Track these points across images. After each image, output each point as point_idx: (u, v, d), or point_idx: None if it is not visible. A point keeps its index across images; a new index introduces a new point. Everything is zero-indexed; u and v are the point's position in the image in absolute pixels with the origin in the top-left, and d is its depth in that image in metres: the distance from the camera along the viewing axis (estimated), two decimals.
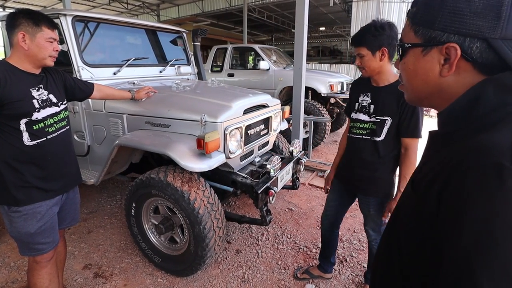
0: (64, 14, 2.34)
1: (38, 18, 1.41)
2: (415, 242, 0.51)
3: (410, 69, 0.59)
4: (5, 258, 2.38)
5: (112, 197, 3.42)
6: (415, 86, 0.60)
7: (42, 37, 1.41)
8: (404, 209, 0.59)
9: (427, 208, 0.47)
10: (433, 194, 0.46)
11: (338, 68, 12.05)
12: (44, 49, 1.43)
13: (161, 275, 2.17)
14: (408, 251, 0.53)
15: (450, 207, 0.43)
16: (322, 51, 24.49)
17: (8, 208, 1.46)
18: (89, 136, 2.52)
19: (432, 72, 0.55)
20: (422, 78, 0.57)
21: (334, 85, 5.13)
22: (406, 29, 0.59)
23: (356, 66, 1.57)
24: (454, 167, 0.44)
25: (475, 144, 0.45)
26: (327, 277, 2.13)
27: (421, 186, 0.52)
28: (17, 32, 1.37)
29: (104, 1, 13.24)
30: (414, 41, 0.56)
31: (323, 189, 2.07)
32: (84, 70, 2.38)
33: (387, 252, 0.63)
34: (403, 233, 0.56)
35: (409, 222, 0.55)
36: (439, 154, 0.53)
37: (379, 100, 1.57)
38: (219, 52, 6.70)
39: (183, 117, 2.08)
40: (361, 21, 10.96)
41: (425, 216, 0.48)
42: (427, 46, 0.54)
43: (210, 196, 1.96)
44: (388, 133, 1.55)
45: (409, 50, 0.58)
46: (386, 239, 0.65)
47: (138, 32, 3.03)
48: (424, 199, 0.49)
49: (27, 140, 1.44)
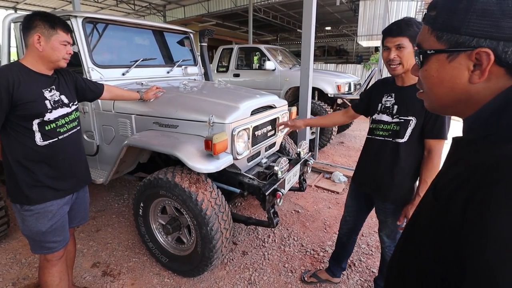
0: (75, 15, 2.37)
1: (54, 21, 1.43)
2: (435, 251, 0.50)
3: (434, 76, 0.55)
4: (16, 255, 2.42)
5: (119, 196, 3.45)
6: (439, 94, 0.56)
7: (57, 39, 1.44)
8: (424, 217, 0.57)
9: (451, 217, 0.45)
10: (458, 203, 0.44)
11: (344, 68, 11.99)
12: (58, 52, 1.45)
13: (168, 275, 2.19)
14: (427, 260, 0.51)
15: (477, 217, 0.41)
16: (327, 51, 24.38)
17: (20, 206, 1.49)
18: (98, 136, 2.55)
19: (459, 79, 0.52)
20: (448, 86, 0.54)
21: (341, 85, 5.10)
22: (424, 34, 0.56)
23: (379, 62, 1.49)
24: (483, 176, 0.42)
25: (508, 153, 0.42)
26: (335, 282, 2.10)
27: (444, 194, 0.50)
28: (33, 34, 1.40)
29: (111, 3, 13.37)
30: (438, 47, 0.53)
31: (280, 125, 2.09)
32: (94, 71, 2.40)
33: (403, 260, 0.61)
34: (421, 241, 0.55)
35: (429, 230, 0.53)
36: (464, 161, 0.50)
37: (403, 100, 1.50)
38: (225, 52, 6.71)
39: (191, 118, 2.09)
40: (368, 20, 10.91)
41: (448, 226, 0.46)
42: (454, 52, 0.51)
43: (218, 197, 1.97)
44: (412, 134, 1.48)
45: (431, 56, 0.55)
46: (403, 246, 0.63)
47: (146, 33, 3.06)
48: (447, 208, 0.47)
49: (40, 140, 1.46)
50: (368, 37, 11.14)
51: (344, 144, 5.78)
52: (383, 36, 1.45)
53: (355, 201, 1.86)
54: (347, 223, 1.92)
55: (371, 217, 2.85)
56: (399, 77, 1.53)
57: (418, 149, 1.51)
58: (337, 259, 2.05)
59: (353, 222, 1.90)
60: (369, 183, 1.68)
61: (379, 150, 1.59)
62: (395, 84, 1.57)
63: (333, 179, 3.86)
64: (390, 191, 1.58)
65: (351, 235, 1.94)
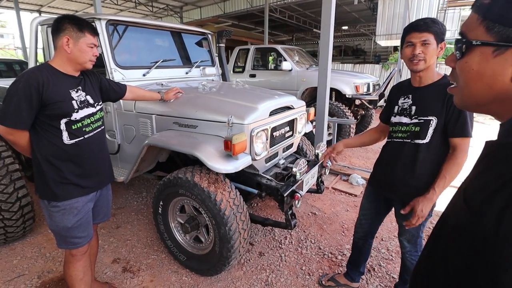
0: (99, 18, 2.44)
1: (82, 25, 1.48)
2: (464, 259, 0.47)
3: (473, 70, 0.51)
4: (41, 249, 2.51)
5: (138, 194, 3.53)
6: (475, 89, 0.53)
7: (85, 42, 1.49)
8: (454, 222, 0.54)
9: (484, 226, 0.43)
10: (493, 211, 0.42)
11: (362, 68, 11.77)
12: (85, 54, 1.50)
13: (186, 273, 2.22)
14: (456, 268, 0.49)
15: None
16: (344, 50, 24.05)
17: (48, 203, 1.54)
18: (119, 135, 2.62)
19: (501, 76, 0.48)
20: (487, 82, 0.51)
21: (359, 86, 5.01)
22: (472, 23, 0.52)
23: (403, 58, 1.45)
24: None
25: None
26: (353, 287, 2.07)
27: (476, 200, 0.48)
28: (62, 36, 1.45)
29: (130, 5, 13.70)
30: (486, 38, 0.49)
31: (324, 159, 1.99)
32: (117, 72, 2.47)
33: (431, 266, 0.59)
34: (451, 247, 0.52)
35: (459, 237, 0.50)
36: (500, 167, 0.47)
37: (421, 100, 1.48)
38: (241, 53, 6.74)
39: (210, 118, 2.11)
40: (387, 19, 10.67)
41: (480, 235, 0.44)
42: (502, 47, 0.47)
43: (236, 197, 1.98)
44: (434, 135, 1.45)
45: (475, 48, 0.51)
46: (431, 250, 0.61)
47: (165, 34, 3.11)
48: (481, 215, 0.45)
49: (67, 139, 1.51)
50: (387, 37, 10.89)
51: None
52: (407, 32, 1.43)
53: (372, 203, 1.82)
54: (362, 226, 1.89)
55: (391, 222, 2.82)
56: (416, 77, 1.51)
57: (440, 150, 1.47)
58: (355, 264, 2.02)
59: (369, 225, 1.87)
60: (388, 186, 1.65)
61: (398, 152, 1.57)
62: (412, 86, 1.55)
63: (351, 181, 3.80)
64: (409, 194, 1.54)
65: (367, 238, 1.91)
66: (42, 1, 12.85)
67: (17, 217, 2.42)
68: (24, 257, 2.41)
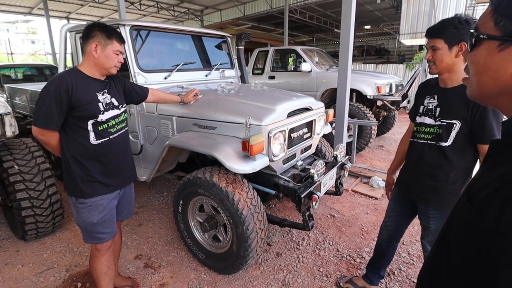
0: (123, 24, 2.55)
1: (110, 32, 1.57)
2: (467, 256, 0.48)
3: (480, 63, 0.52)
4: (69, 244, 2.65)
5: (159, 194, 3.63)
6: (481, 82, 0.54)
7: (112, 49, 1.57)
8: (458, 220, 0.55)
9: (484, 223, 0.44)
10: (493, 208, 0.43)
11: (385, 69, 11.45)
12: (111, 60, 1.58)
13: (205, 271, 2.26)
14: (459, 264, 0.50)
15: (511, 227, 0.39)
16: (366, 50, 23.49)
17: (75, 199, 1.63)
18: (142, 136, 2.72)
19: (504, 71, 0.49)
20: (492, 76, 0.51)
21: (381, 86, 4.88)
22: (485, 16, 0.52)
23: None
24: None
25: None
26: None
27: (478, 198, 0.49)
28: (91, 42, 1.54)
29: (153, 10, 14.15)
30: (492, 32, 0.50)
31: (386, 195, 1.96)
32: (140, 75, 2.57)
33: (436, 262, 0.60)
34: (454, 245, 0.53)
35: (462, 234, 0.51)
36: (502, 166, 0.48)
37: (446, 102, 1.45)
38: (260, 55, 6.77)
39: (228, 120, 2.15)
40: (412, 18, 10.34)
41: (481, 231, 0.45)
42: (507, 41, 0.48)
43: (253, 197, 2.00)
44: (457, 138, 1.42)
45: (483, 41, 0.52)
46: (437, 248, 0.62)
47: (186, 38, 3.19)
48: (481, 213, 0.46)
49: (93, 139, 1.59)
50: (412, 35, 10.54)
51: (383, 148, 5.53)
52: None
53: (397, 205, 1.79)
54: (387, 228, 1.86)
55: (413, 225, 2.72)
56: (441, 78, 1.49)
57: (467, 153, 1.43)
58: (376, 266, 1.98)
59: (394, 228, 1.83)
60: (412, 187, 1.63)
61: (422, 153, 1.55)
62: (438, 86, 1.52)
63: (371, 184, 3.71)
64: (432, 195, 1.52)
65: (392, 241, 1.87)
66: (70, 8, 13.54)
67: (47, 213, 2.57)
68: (54, 251, 2.56)
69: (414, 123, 1.63)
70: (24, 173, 2.47)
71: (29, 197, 2.44)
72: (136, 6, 12.99)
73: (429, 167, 1.52)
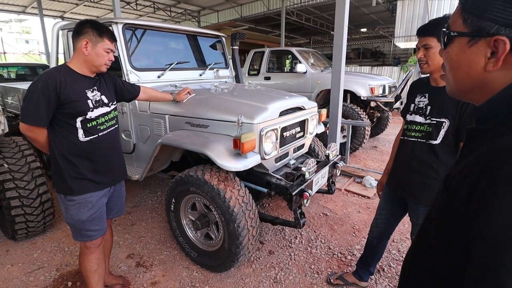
0: (116, 22, 2.55)
1: (102, 30, 1.56)
2: (443, 240, 0.51)
3: (453, 59, 0.55)
4: (60, 243, 2.63)
5: (153, 193, 3.62)
6: (456, 77, 0.56)
7: (102, 47, 1.56)
8: (435, 208, 0.58)
9: (457, 206, 0.47)
10: (464, 191, 0.45)
11: (380, 71, 11.53)
12: (102, 58, 1.58)
13: (197, 269, 2.26)
14: (436, 249, 0.53)
15: (481, 201, 0.41)
16: (363, 53, 23.65)
17: (64, 197, 1.63)
18: (135, 135, 2.71)
19: (475, 65, 0.51)
20: (465, 71, 0.54)
21: (375, 88, 4.93)
22: (455, 15, 0.55)
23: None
24: (488, 162, 0.43)
25: (510, 141, 0.43)
26: (362, 286, 2.05)
27: (453, 184, 0.51)
28: (82, 39, 1.53)
29: (149, 10, 14.13)
30: (462, 29, 0.53)
31: (377, 194, 1.99)
32: (132, 74, 2.56)
33: (415, 251, 0.63)
34: (433, 231, 0.56)
35: (439, 221, 0.54)
36: (474, 152, 0.50)
37: (436, 101, 1.47)
38: (256, 56, 6.79)
39: (220, 118, 2.15)
40: (406, 20, 10.44)
41: (454, 214, 0.47)
42: (474, 37, 0.50)
43: (245, 195, 2.01)
44: (446, 137, 1.44)
45: (454, 39, 0.54)
46: (416, 239, 0.64)
47: (180, 37, 3.20)
48: (455, 197, 0.48)
49: (82, 136, 1.59)
50: (406, 38, 10.64)
51: (377, 149, 5.57)
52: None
53: (388, 203, 1.81)
54: (378, 226, 1.87)
55: (403, 223, 2.75)
56: (432, 77, 1.51)
57: (456, 151, 1.46)
58: (366, 263, 2.00)
59: (385, 226, 1.85)
60: (402, 184, 1.65)
61: (412, 151, 1.57)
62: (430, 85, 1.54)
63: (364, 183, 3.74)
64: (422, 192, 1.54)
65: (382, 238, 1.89)
66: (64, 8, 13.48)
67: (37, 213, 2.54)
68: (44, 250, 2.53)
69: (405, 121, 1.65)
70: (14, 171, 2.45)
71: (18, 196, 2.42)
72: (132, 6, 12.96)
73: (419, 164, 1.54)
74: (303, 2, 12.00)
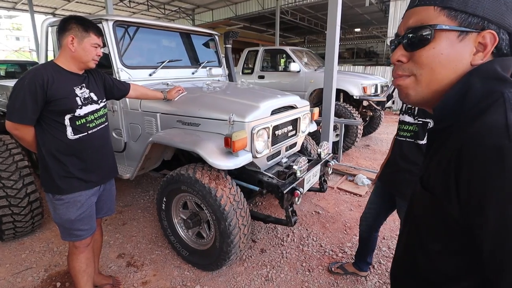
0: (106, 19, 2.51)
1: (87, 25, 1.54)
2: (440, 234, 0.54)
3: (443, 54, 0.53)
4: (49, 244, 2.59)
5: (145, 193, 3.59)
6: (439, 76, 0.54)
7: (89, 42, 1.54)
8: (420, 211, 0.61)
9: (447, 196, 0.49)
10: (451, 182, 0.48)
11: (373, 70, 11.62)
12: (89, 53, 1.55)
13: (188, 268, 2.25)
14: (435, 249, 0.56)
15: (470, 187, 0.45)
16: (357, 53, 23.82)
17: (52, 196, 1.60)
18: (126, 133, 2.68)
19: (464, 59, 0.52)
20: (452, 66, 0.53)
21: (367, 87, 4.96)
22: (429, 14, 0.53)
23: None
24: (463, 154, 0.47)
25: (475, 130, 0.47)
26: (362, 275, 2.14)
27: (431, 184, 0.54)
28: (67, 35, 1.50)
29: (143, 7, 14.00)
30: (449, 24, 0.51)
31: (369, 192, 2.06)
32: (123, 71, 2.53)
33: (408, 245, 0.66)
34: (425, 234, 0.58)
35: (428, 218, 0.57)
36: (444, 148, 0.53)
37: None
38: (250, 55, 6.78)
39: (212, 117, 2.14)
40: (399, 21, 10.53)
41: (440, 210, 0.51)
42: (465, 32, 0.51)
43: (236, 194, 2.00)
44: None
45: (441, 33, 0.52)
46: (406, 239, 0.67)
47: (172, 35, 3.17)
48: (436, 195, 0.52)
49: (71, 134, 1.56)
50: None
51: (369, 147, 5.61)
52: None
53: (378, 198, 1.88)
54: (367, 219, 1.95)
55: (394, 221, 2.79)
56: None
57: None
58: (361, 254, 2.09)
59: (373, 219, 1.92)
60: (392, 181, 1.71)
61: (401, 149, 1.62)
62: None
63: (356, 181, 3.76)
64: (409, 189, 1.56)
65: (371, 231, 1.96)
66: (56, 4, 13.27)
67: (25, 212, 2.49)
68: (33, 251, 2.49)
69: (398, 120, 1.71)
70: (0, 170, 2.40)
71: (6, 196, 2.37)
72: (125, 3, 12.83)
73: (408, 163, 1.58)
74: (298, 2, 12.04)
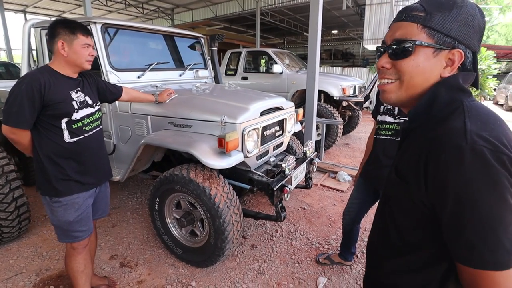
0: (94, 22, 2.52)
1: (74, 27, 1.55)
2: (408, 212, 0.66)
3: (420, 66, 0.65)
4: (37, 248, 2.56)
5: (133, 194, 3.59)
6: (415, 84, 0.67)
7: (78, 43, 1.55)
8: (393, 194, 0.73)
9: (417, 184, 0.61)
10: (420, 174, 0.60)
11: (350, 72, 12.04)
12: (81, 55, 1.57)
13: (183, 266, 2.31)
14: (404, 224, 0.69)
15: (436, 177, 0.57)
16: (334, 54, 24.44)
17: (50, 198, 1.62)
18: (115, 135, 2.70)
19: (436, 71, 0.65)
20: (426, 77, 0.65)
21: (346, 88, 5.20)
22: (412, 30, 0.64)
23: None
24: (430, 152, 0.59)
25: (440, 132, 0.59)
26: (347, 264, 2.29)
27: (405, 173, 0.66)
28: (57, 41, 1.52)
29: (120, 6, 13.66)
30: (430, 41, 0.63)
31: (350, 188, 2.19)
32: (112, 74, 2.55)
33: (382, 228, 0.78)
34: (397, 212, 0.71)
35: (400, 199, 0.69)
36: (415, 144, 0.66)
37: None
38: (233, 56, 6.85)
39: (204, 118, 2.22)
40: (374, 24, 10.95)
41: (414, 191, 0.63)
42: (440, 49, 0.63)
43: (229, 192, 2.09)
44: None
45: (420, 49, 0.64)
46: (380, 217, 0.80)
47: (159, 37, 3.20)
48: (409, 183, 0.64)
49: (67, 137, 1.59)
50: (374, 41, 11.17)
51: (349, 146, 5.87)
52: None
53: (360, 193, 2.02)
54: (350, 213, 2.09)
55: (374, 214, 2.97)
56: None
57: None
58: (346, 246, 2.24)
59: (355, 214, 2.06)
60: (376, 178, 1.84)
61: (384, 147, 1.75)
62: None
63: (338, 178, 3.96)
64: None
65: (354, 224, 2.11)
66: (27, 1, 12.66)
67: (12, 218, 2.44)
68: (21, 256, 2.45)
69: (376, 121, 1.83)
70: None
71: None
72: (101, 1, 12.46)
73: (391, 159, 1.68)
74: (277, 3, 12.21)
